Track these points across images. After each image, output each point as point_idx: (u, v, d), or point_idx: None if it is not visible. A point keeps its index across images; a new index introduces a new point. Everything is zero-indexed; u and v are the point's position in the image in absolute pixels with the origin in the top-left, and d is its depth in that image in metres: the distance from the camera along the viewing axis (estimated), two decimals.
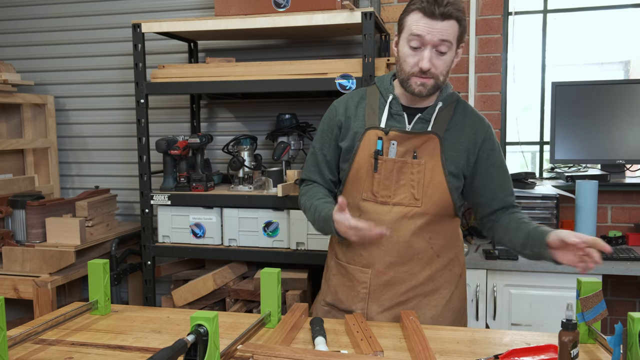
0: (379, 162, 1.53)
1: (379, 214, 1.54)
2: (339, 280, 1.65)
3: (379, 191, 1.54)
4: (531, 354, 1.22)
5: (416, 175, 1.52)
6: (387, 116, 1.56)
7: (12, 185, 2.83)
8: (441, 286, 1.59)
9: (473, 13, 2.72)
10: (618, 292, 2.67)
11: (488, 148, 1.57)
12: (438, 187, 1.52)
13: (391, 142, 1.54)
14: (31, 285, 2.41)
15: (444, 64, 1.48)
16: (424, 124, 1.55)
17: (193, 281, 2.50)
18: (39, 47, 3.28)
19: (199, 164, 2.63)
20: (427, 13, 1.42)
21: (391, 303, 1.57)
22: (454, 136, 1.55)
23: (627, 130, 2.55)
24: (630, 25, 2.73)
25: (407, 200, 1.53)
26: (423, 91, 1.49)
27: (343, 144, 1.61)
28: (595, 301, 1.24)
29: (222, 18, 2.40)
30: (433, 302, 1.58)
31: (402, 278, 1.56)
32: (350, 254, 1.61)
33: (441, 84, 1.51)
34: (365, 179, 1.56)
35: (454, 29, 1.45)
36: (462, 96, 2.75)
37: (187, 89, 2.51)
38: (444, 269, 1.59)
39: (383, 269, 1.56)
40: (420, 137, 1.53)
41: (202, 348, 1.07)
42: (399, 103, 1.57)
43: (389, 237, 1.52)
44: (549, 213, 2.33)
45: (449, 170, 1.53)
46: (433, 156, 1.53)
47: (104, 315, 1.54)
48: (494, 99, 2.76)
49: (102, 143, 3.24)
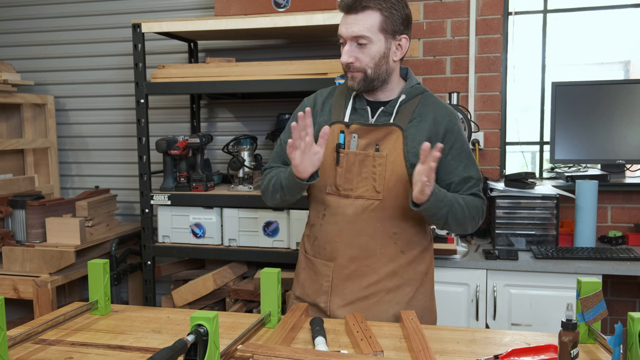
0: (340, 155, 1.55)
1: (341, 207, 1.55)
2: (306, 274, 1.66)
3: (342, 184, 1.55)
4: (531, 354, 1.22)
5: (378, 168, 1.53)
6: (351, 110, 1.59)
7: (12, 185, 2.83)
8: (405, 283, 1.58)
9: (473, 13, 2.72)
10: (618, 292, 2.67)
11: (451, 140, 1.56)
12: (399, 179, 1.52)
13: (352, 135, 1.55)
14: (31, 285, 2.41)
15: (368, 56, 1.50)
16: (387, 117, 1.57)
17: (193, 281, 2.51)
18: (39, 47, 3.28)
19: (199, 164, 2.63)
20: (344, 9, 1.49)
21: (353, 297, 1.57)
22: (416, 127, 1.55)
23: (627, 130, 2.55)
24: (630, 25, 2.73)
25: (368, 193, 1.53)
26: (354, 85, 1.54)
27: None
28: (595, 301, 1.24)
29: (222, 18, 2.40)
30: (396, 298, 1.57)
31: (363, 272, 1.56)
32: (316, 247, 1.63)
33: (374, 76, 1.52)
34: (329, 173, 1.57)
35: (373, 19, 1.47)
36: (462, 96, 2.75)
37: (187, 89, 2.51)
38: (408, 266, 1.59)
39: (345, 262, 1.56)
40: (381, 130, 1.54)
41: (202, 348, 1.07)
42: (364, 98, 1.59)
43: (351, 230, 1.53)
44: (549, 213, 2.33)
45: (411, 163, 1.52)
46: (395, 148, 1.53)
47: (104, 315, 1.54)
48: (494, 99, 2.76)
49: (102, 143, 3.24)
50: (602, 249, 2.25)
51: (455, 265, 2.20)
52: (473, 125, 2.68)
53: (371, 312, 1.55)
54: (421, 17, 2.80)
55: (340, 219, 1.56)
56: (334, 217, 1.57)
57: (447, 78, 2.80)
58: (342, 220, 1.55)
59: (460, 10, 2.75)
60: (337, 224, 1.56)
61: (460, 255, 2.23)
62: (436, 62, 2.81)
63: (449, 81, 2.80)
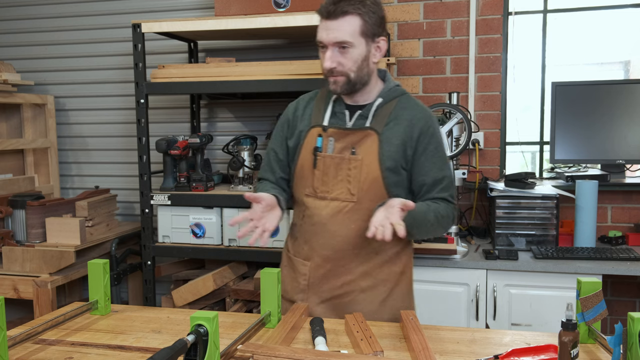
0: (317, 158, 1.59)
1: (318, 209, 1.60)
2: (287, 272, 1.72)
3: (319, 186, 1.60)
4: (531, 354, 1.22)
5: (353, 171, 1.56)
6: (330, 114, 1.62)
7: (12, 185, 2.82)
8: (379, 283, 1.62)
9: (473, 13, 2.73)
10: (618, 292, 2.67)
11: (425, 142, 1.58)
12: (374, 182, 1.55)
13: (329, 138, 1.59)
14: (31, 285, 2.41)
15: (350, 60, 1.52)
16: (364, 120, 1.60)
17: (193, 281, 2.50)
18: (39, 47, 3.28)
19: (199, 164, 2.62)
20: (323, 15, 1.51)
21: (329, 295, 1.62)
22: (392, 130, 1.58)
23: (627, 130, 2.55)
24: (630, 25, 2.73)
25: (343, 195, 1.57)
26: (337, 89, 1.56)
27: (290, 142, 1.68)
28: (595, 301, 1.24)
29: (222, 18, 2.40)
30: (370, 298, 1.61)
31: (338, 272, 1.61)
32: (296, 247, 1.69)
33: (356, 79, 1.55)
34: (308, 175, 1.62)
35: (353, 24, 1.49)
36: (462, 96, 2.75)
37: (187, 89, 2.51)
38: (382, 266, 1.62)
39: (321, 262, 1.61)
40: (358, 133, 1.58)
41: (202, 348, 1.07)
42: (343, 102, 1.63)
43: (325, 231, 1.57)
44: (549, 213, 2.33)
45: (385, 166, 1.55)
46: (370, 152, 1.56)
47: (104, 315, 1.54)
48: (494, 99, 2.76)
49: (102, 143, 3.24)
50: (602, 249, 2.25)
51: (455, 265, 2.20)
52: (473, 125, 2.68)
53: (346, 310, 1.58)
54: (421, 17, 2.80)
55: (316, 220, 1.60)
56: (312, 218, 1.61)
57: (447, 78, 2.80)
58: (318, 222, 1.60)
59: (460, 10, 2.75)
60: (314, 225, 1.61)
61: (460, 255, 2.23)
62: (436, 62, 2.81)
63: (449, 81, 2.80)
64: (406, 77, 2.85)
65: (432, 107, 2.37)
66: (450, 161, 1.64)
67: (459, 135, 2.41)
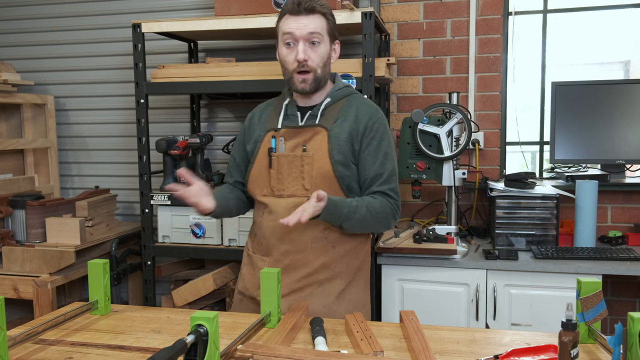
0: (272, 158, 1.67)
1: (276, 205, 1.66)
2: (247, 269, 1.77)
3: (275, 185, 1.68)
4: (531, 354, 1.22)
5: (305, 167, 1.63)
6: (283, 117, 1.71)
7: (12, 185, 2.82)
8: (336, 276, 1.67)
9: (473, 13, 2.73)
10: (618, 292, 2.67)
11: (369, 137, 1.65)
12: (326, 176, 1.62)
13: (280, 138, 1.67)
14: (31, 285, 2.41)
15: (318, 56, 1.62)
16: (314, 119, 1.68)
17: (193, 281, 2.50)
18: (39, 47, 3.28)
19: (199, 164, 2.62)
20: (292, 12, 1.60)
21: (288, 290, 1.65)
22: (340, 127, 1.65)
23: (627, 130, 2.55)
24: (630, 25, 2.73)
25: (298, 191, 1.64)
26: (305, 87, 1.64)
27: (248, 147, 1.75)
28: (595, 301, 1.24)
29: (222, 18, 2.40)
30: (327, 291, 1.66)
31: (297, 265, 1.65)
32: (254, 244, 1.75)
33: (321, 76, 1.64)
34: (264, 176, 1.69)
35: (321, 22, 1.62)
36: (462, 96, 2.75)
37: (187, 89, 2.51)
38: (340, 260, 1.67)
39: (279, 256, 1.67)
40: (308, 131, 1.65)
41: (202, 348, 1.07)
42: (295, 105, 1.72)
43: (284, 227, 1.60)
44: (549, 213, 2.33)
45: (336, 160, 1.62)
46: (320, 147, 1.63)
47: (104, 315, 1.54)
48: (494, 99, 2.76)
49: (102, 143, 3.24)
50: (602, 249, 2.25)
51: (455, 265, 2.20)
52: (473, 125, 2.68)
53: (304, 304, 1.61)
54: (421, 17, 2.80)
55: (275, 217, 1.65)
56: (270, 215, 1.67)
57: (447, 78, 2.80)
58: (277, 218, 1.63)
59: (460, 10, 2.75)
60: (272, 221, 1.66)
61: (460, 255, 2.23)
62: (436, 62, 2.81)
63: (449, 81, 2.80)
64: (406, 77, 2.85)
65: (432, 107, 2.38)
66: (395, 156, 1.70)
67: (459, 135, 2.41)
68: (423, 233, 2.30)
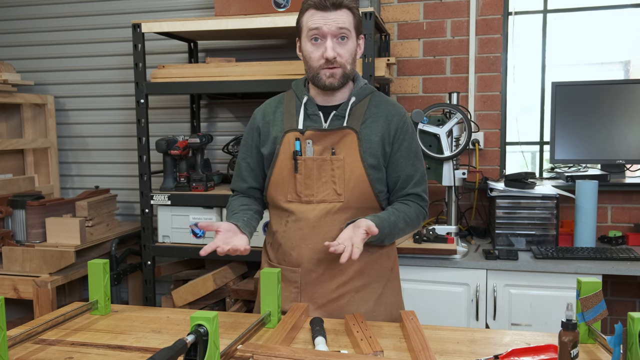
0: (298, 162, 1.57)
1: (304, 213, 1.57)
2: None
3: (302, 191, 1.57)
4: (531, 354, 1.22)
5: (336, 171, 1.56)
6: (304, 117, 1.60)
7: (12, 185, 2.82)
8: (372, 280, 1.61)
9: (473, 13, 2.73)
10: (618, 292, 2.67)
11: (401, 138, 1.60)
12: (359, 180, 1.56)
13: (307, 141, 1.58)
14: (31, 285, 2.41)
15: (347, 52, 1.53)
16: (339, 120, 1.59)
17: (193, 281, 2.50)
18: (39, 47, 3.28)
19: (199, 164, 2.62)
20: (319, 7, 1.51)
21: (324, 300, 1.58)
22: (369, 128, 1.58)
23: (627, 130, 2.55)
24: (630, 25, 2.73)
25: (330, 196, 1.56)
26: (334, 82, 1.55)
27: (264, 150, 1.64)
28: (595, 301, 1.24)
29: (222, 18, 2.40)
30: (365, 297, 1.60)
31: (331, 274, 1.58)
32: (280, 255, 1.64)
33: (349, 72, 1.56)
34: (288, 181, 1.59)
35: (349, 17, 1.52)
36: (462, 96, 2.75)
37: (187, 89, 2.51)
38: (374, 263, 1.62)
39: (312, 267, 1.58)
40: (336, 134, 1.57)
41: (202, 348, 1.07)
42: (314, 103, 1.61)
43: (315, 234, 1.55)
44: (549, 213, 2.34)
45: (368, 163, 1.56)
46: (351, 150, 1.56)
47: (104, 315, 1.54)
48: (494, 99, 2.76)
49: (102, 143, 3.24)
50: (602, 249, 2.25)
51: (455, 265, 2.20)
52: (473, 125, 2.68)
53: (343, 313, 1.56)
54: (421, 17, 2.80)
55: (303, 225, 1.57)
56: (297, 223, 1.58)
57: (447, 78, 2.80)
58: (305, 226, 1.57)
59: (460, 10, 2.75)
60: (301, 229, 1.57)
61: (460, 255, 2.23)
62: (436, 62, 2.81)
63: (449, 81, 2.80)
64: (406, 77, 2.85)
65: (432, 107, 2.38)
66: (422, 156, 1.68)
67: (459, 135, 2.41)
68: (423, 233, 2.30)
